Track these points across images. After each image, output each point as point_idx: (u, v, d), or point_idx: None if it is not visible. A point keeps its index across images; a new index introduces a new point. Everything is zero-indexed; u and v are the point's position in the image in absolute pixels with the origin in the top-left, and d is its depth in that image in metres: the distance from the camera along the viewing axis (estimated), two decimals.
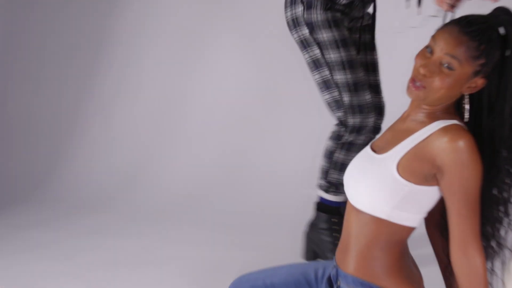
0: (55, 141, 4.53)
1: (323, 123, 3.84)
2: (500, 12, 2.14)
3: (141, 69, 4.52)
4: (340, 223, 2.78)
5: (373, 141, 2.36)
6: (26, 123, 4.67)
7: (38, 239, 3.66)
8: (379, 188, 2.19)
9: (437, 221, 2.43)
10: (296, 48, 3.92)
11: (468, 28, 2.09)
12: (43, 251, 3.50)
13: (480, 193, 2.13)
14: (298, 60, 4.04)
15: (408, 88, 2.16)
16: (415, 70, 2.15)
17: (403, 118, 2.29)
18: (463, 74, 2.10)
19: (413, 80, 2.14)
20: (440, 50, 2.11)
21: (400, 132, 2.24)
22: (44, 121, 4.63)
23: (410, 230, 2.24)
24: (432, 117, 2.18)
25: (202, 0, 4.44)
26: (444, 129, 2.11)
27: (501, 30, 2.12)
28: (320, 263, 2.57)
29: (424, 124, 2.18)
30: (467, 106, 2.19)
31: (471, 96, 2.18)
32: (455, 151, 2.08)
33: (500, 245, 2.26)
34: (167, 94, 4.48)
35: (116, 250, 3.50)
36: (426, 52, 2.15)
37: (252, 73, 4.32)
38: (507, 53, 2.09)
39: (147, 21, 4.53)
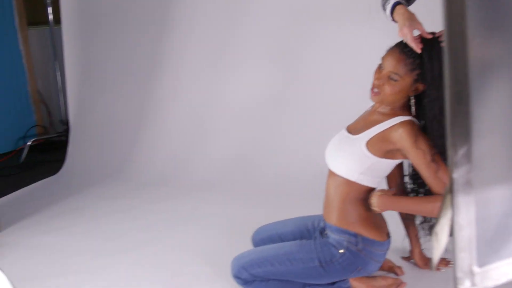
0: (128, 136, 4.56)
1: (323, 121, 3.89)
2: (429, 40, 2.16)
3: (186, 80, 4.49)
4: None
5: (348, 125, 2.42)
6: (109, 124, 4.71)
7: (116, 206, 3.72)
8: (352, 159, 2.27)
9: (396, 181, 2.55)
10: (302, 58, 3.94)
11: (405, 48, 2.17)
12: (123, 214, 3.57)
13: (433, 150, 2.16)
14: (304, 70, 4.11)
15: (370, 94, 2.26)
16: (373, 81, 2.25)
17: (372, 111, 2.37)
18: (405, 83, 2.19)
19: (372, 88, 2.25)
20: (387, 67, 2.21)
21: (370, 121, 2.31)
22: (120, 122, 4.66)
23: (371, 189, 2.33)
24: (393, 112, 2.27)
25: (229, 23, 4.36)
26: (402, 123, 2.20)
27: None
28: (314, 216, 2.62)
29: (387, 116, 2.26)
30: (412, 105, 2.28)
31: (419, 96, 2.24)
32: (408, 139, 2.16)
33: None
34: (204, 99, 4.43)
35: (173, 212, 3.55)
36: (379, 69, 2.24)
37: (268, 79, 4.28)
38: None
39: (188, 43, 4.46)
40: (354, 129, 2.35)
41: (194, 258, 2.86)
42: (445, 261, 2.60)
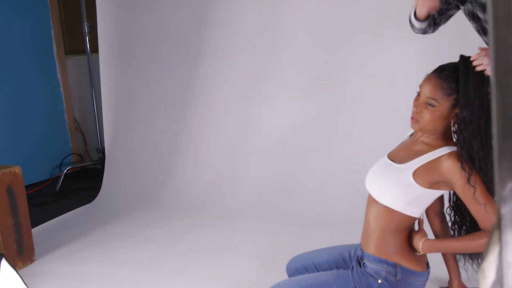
0: (162, 165, 4.57)
1: (360, 149, 3.85)
2: (462, 58, 2.16)
3: (219, 109, 4.51)
4: None
5: (389, 153, 2.37)
6: (143, 152, 4.73)
7: (150, 234, 3.72)
8: (397, 188, 2.21)
9: (436, 209, 2.52)
10: (337, 85, 3.93)
11: (441, 73, 2.15)
12: (157, 243, 3.56)
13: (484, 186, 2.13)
14: (340, 96, 4.09)
15: (411, 123, 2.22)
16: (412, 110, 2.21)
17: (415, 140, 2.31)
18: (444, 108, 2.15)
19: (412, 117, 2.21)
20: (424, 94, 2.17)
21: (414, 151, 2.26)
22: (154, 150, 4.67)
23: (413, 219, 2.28)
24: (438, 142, 2.21)
25: (262, 51, 4.37)
26: (449, 155, 2.14)
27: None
28: (351, 245, 2.56)
29: (432, 147, 2.21)
30: (454, 133, 2.21)
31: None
32: (457, 171, 2.11)
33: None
34: (238, 127, 4.44)
35: (206, 240, 3.53)
36: (418, 96, 2.21)
37: (303, 106, 4.27)
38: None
39: (222, 70, 4.49)
40: (397, 157, 2.29)
41: None
42: None
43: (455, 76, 2.13)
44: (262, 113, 4.35)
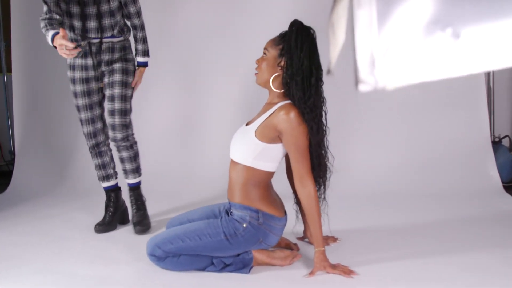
0: (59, 163, 4.15)
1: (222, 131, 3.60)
2: (293, 22, 2.01)
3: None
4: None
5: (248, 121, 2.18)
6: (45, 154, 4.24)
7: (51, 212, 3.28)
8: (246, 146, 2.02)
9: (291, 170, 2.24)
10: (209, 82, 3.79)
11: (277, 35, 2.05)
12: (54, 218, 3.13)
13: (308, 144, 1.97)
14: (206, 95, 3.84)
15: (255, 79, 2.11)
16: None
17: (266, 104, 2.12)
18: (273, 55, 2.03)
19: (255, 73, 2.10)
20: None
21: (261, 112, 2.09)
22: (54, 151, 4.23)
23: (270, 173, 2.08)
24: (277, 100, 2.04)
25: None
26: (281, 107, 1.99)
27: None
28: (220, 204, 2.35)
29: (273, 105, 2.04)
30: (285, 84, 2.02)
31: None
32: (287, 120, 1.94)
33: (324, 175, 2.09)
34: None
35: (96, 216, 3.04)
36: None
37: (183, 101, 4.01)
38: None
39: None
40: (250, 122, 2.11)
41: (115, 247, 2.48)
42: (333, 238, 2.34)
43: (285, 33, 2.02)
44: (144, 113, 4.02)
